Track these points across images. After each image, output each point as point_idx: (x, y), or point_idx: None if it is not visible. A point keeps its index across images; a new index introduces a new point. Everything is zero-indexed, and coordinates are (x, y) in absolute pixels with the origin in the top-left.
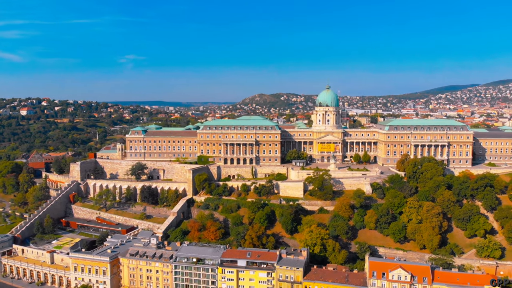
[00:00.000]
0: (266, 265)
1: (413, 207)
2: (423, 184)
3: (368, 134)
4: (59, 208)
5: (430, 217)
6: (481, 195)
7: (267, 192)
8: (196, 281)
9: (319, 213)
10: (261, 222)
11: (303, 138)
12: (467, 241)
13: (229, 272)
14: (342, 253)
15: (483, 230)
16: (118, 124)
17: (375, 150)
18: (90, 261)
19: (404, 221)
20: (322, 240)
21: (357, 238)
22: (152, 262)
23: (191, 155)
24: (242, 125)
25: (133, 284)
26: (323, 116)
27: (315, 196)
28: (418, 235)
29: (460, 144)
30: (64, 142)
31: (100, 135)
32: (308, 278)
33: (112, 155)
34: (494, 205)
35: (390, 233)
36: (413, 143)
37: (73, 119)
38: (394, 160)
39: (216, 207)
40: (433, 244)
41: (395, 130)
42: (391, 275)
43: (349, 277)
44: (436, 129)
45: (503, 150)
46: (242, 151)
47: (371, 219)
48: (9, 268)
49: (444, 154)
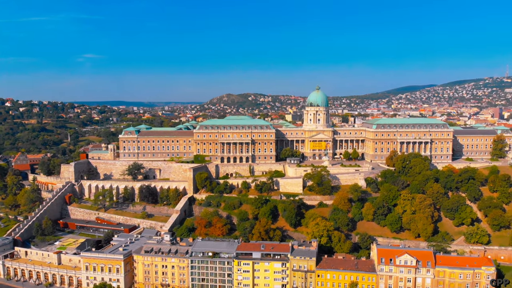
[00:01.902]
0: (280, 256)
1: (406, 199)
2: (412, 178)
3: (356, 132)
4: (55, 210)
5: (423, 208)
6: (465, 187)
7: (268, 189)
8: (212, 274)
9: (319, 207)
10: (266, 217)
11: (295, 137)
12: (455, 229)
13: (245, 264)
14: (347, 243)
15: (470, 219)
16: (88, 125)
17: (363, 148)
18: (103, 260)
19: (399, 212)
20: (328, 231)
21: (357, 230)
22: (168, 258)
23: (186, 155)
24: (238, 124)
25: (148, 280)
26: (314, 115)
27: (314, 191)
28: (413, 224)
29: (442, 141)
30: (35, 144)
31: (71, 136)
32: (321, 267)
33: (104, 155)
34: (477, 196)
35: (387, 224)
36: (399, 140)
37: (41, 120)
38: (381, 156)
39: (218, 204)
40: (427, 233)
41: (382, 128)
42: (398, 261)
43: (358, 264)
44: (420, 127)
45: (478, 146)
46: (238, 150)
47: (369, 211)
48: (13, 271)
49: (427, 150)
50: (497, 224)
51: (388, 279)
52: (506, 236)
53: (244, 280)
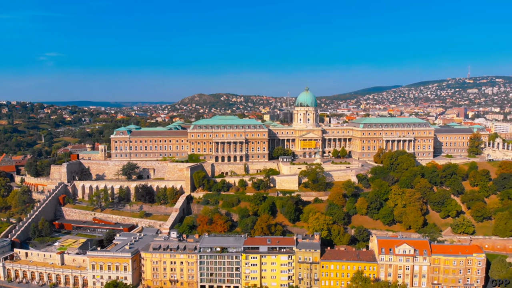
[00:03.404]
0: (286, 249)
1: (397, 194)
2: (400, 173)
3: (343, 131)
4: (49, 211)
5: (413, 202)
6: (448, 181)
7: (265, 186)
8: (220, 268)
9: (314, 203)
10: (266, 213)
11: (286, 136)
12: (442, 221)
13: (252, 258)
14: (346, 236)
15: (455, 211)
16: (60, 125)
17: (349, 146)
18: (110, 258)
19: (391, 206)
20: (328, 225)
21: (352, 223)
22: (176, 254)
23: (178, 154)
24: (232, 124)
25: (156, 277)
26: (304, 115)
27: (309, 188)
28: (404, 217)
29: (424, 139)
30: (8, 145)
31: (46, 137)
32: (325, 258)
33: (94, 156)
34: (460, 190)
35: (380, 217)
36: (384, 138)
37: (12, 121)
38: (368, 154)
39: (216, 202)
40: (418, 225)
41: (369, 127)
42: (397, 250)
43: (360, 255)
44: (404, 126)
45: (456, 144)
46: (232, 149)
47: (363, 205)
48: (13, 273)
49: (411, 148)
50: (480, 215)
51: (388, 267)
52: (488, 227)
53: (252, 273)
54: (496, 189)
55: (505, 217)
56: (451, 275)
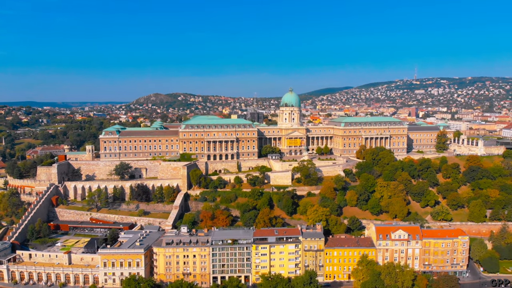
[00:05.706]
0: (292, 239)
1: (383, 186)
2: (382, 168)
3: (325, 130)
4: (43, 212)
5: (398, 193)
6: (425, 174)
7: (260, 182)
8: (231, 259)
9: (308, 196)
10: (266, 207)
11: (272, 135)
12: (422, 210)
13: (262, 248)
14: (342, 225)
15: (434, 201)
16: (18, 127)
17: (331, 143)
18: (122, 255)
19: (377, 197)
20: (326, 216)
21: (343, 214)
22: (189, 248)
23: (168, 154)
24: (223, 123)
25: (169, 271)
26: (289, 115)
27: (302, 183)
28: (391, 207)
29: (398, 136)
30: None
31: (6, 140)
32: (328, 246)
33: (81, 156)
34: (435, 182)
35: (369, 208)
36: (363, 136)
37: None
38: (349, 150)
39: (214, 199)
40: (403, 214)
41: (350, 126)
42: (393, 235)
43: (359, 241)
44: (381, 125)
45: (424, 140)
46: (223, 148)
47: (352, 198)
48: (18, 275)
49: (388, 144)
50: (455, 204)
51: (385, 252)
52: (463, 214)
53: (262, 263)
54: (466, 180)
55: (479, 204)
56: (440, 256)
